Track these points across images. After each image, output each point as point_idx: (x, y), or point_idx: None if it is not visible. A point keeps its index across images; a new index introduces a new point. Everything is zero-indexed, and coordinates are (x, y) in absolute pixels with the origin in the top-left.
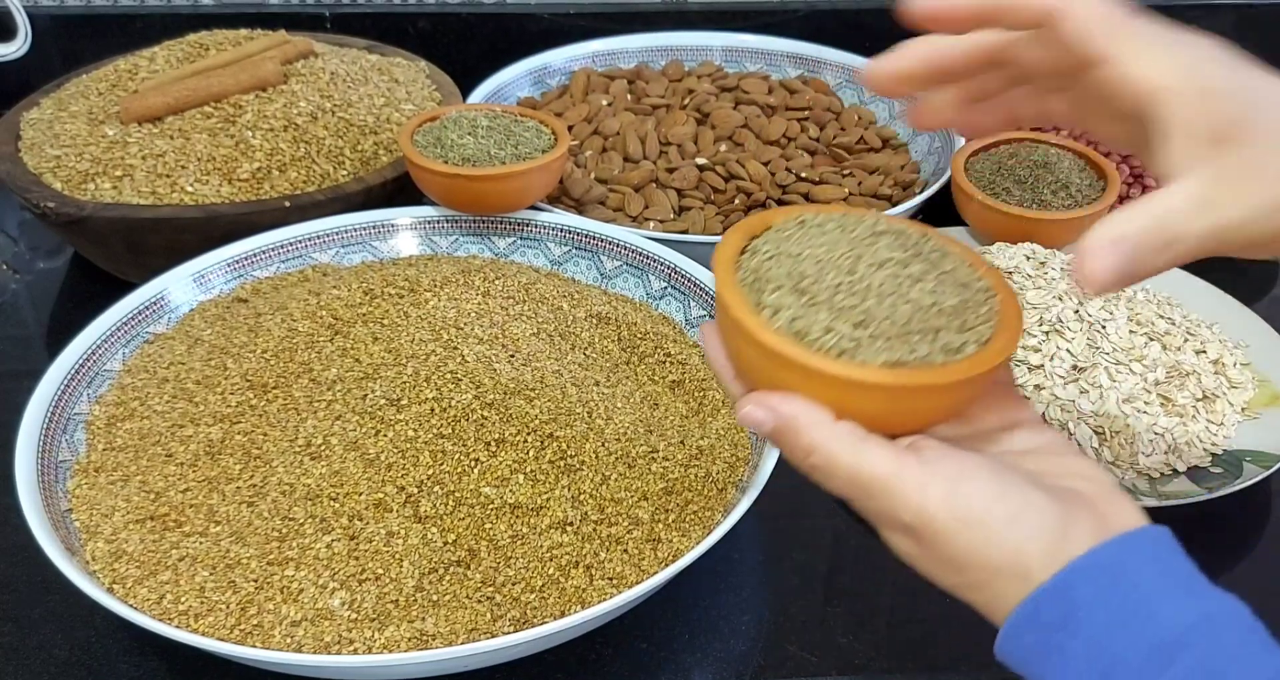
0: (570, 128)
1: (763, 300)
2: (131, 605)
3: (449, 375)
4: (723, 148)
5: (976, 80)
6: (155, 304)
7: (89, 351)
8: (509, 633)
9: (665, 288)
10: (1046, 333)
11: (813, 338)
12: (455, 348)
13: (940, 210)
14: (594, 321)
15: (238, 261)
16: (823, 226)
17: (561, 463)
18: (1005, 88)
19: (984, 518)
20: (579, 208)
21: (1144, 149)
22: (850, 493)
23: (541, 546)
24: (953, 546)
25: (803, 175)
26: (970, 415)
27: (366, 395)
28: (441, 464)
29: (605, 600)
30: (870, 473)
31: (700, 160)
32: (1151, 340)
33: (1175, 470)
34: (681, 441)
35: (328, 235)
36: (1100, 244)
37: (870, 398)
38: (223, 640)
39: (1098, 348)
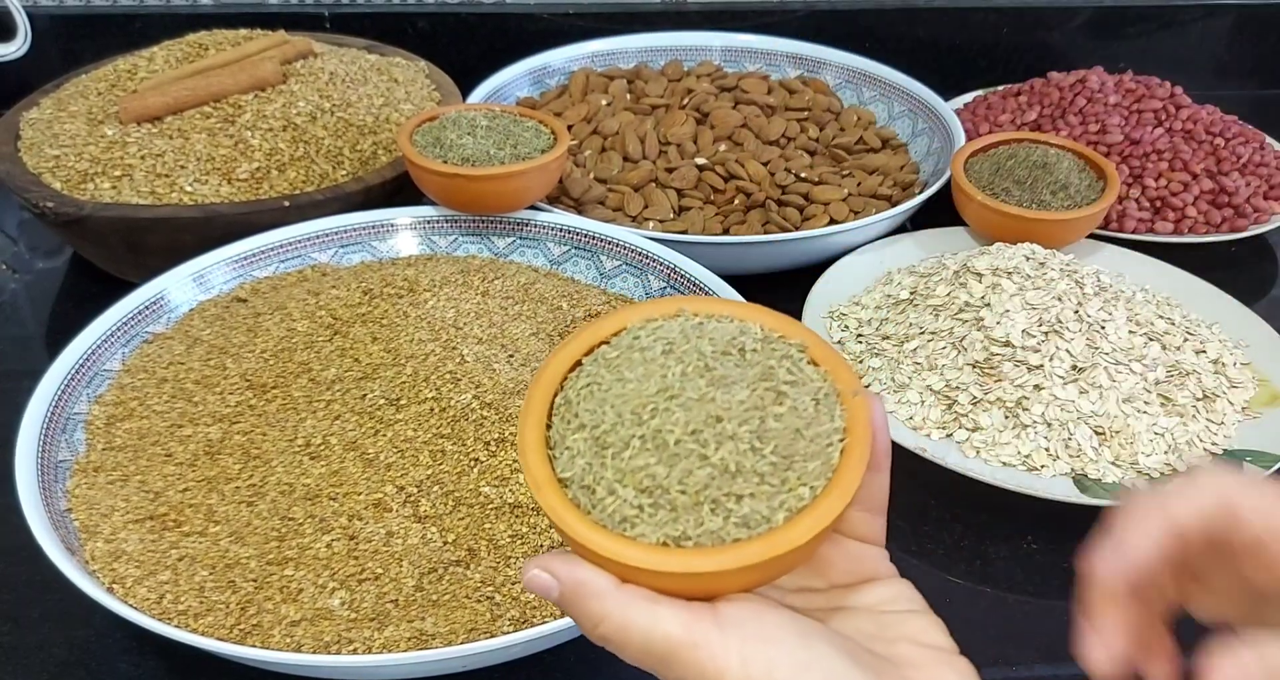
0: (570, 127)
1: (563, 441)
2: (131, 605)
3: (448, 375)
4: (722, 147)
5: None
6: (155, 304)
7: (89, 351)
8: (508, 632)
9: (665, 288)
10: (1046, 333)
11: (598, 497)
12: (454, 348)
13: (940, 210)
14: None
15: (237, 261)
16: (648, 350)
17: None
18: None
19: None
20: (578, 207)
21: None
22: (646, 662)
23: (541, 546)
24: None
25: (802, 175)
26: (814, 565)
27: (366, 395)
28: (441, 464)
29: None
30: (663, 637)
31: (700, 160)
32: (1151, 340)
33: (1175, 470)
34: None
35: (327, 235)
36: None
37: (641, 578)
38: (222, 640)
39: (1098, 348)
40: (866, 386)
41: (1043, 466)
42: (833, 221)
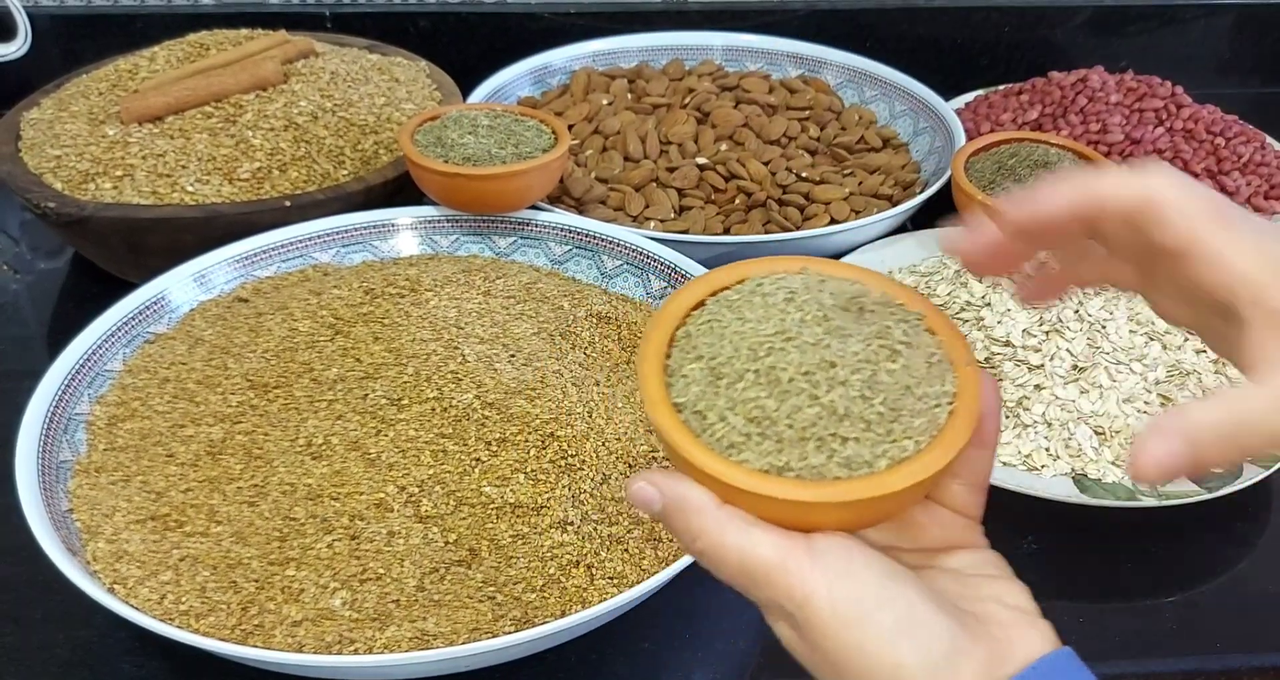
0: (571, 127)
1: (680, 369)
2: (133, 605)
3: (450, 375)
4: (723, 147)
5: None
6: (156, 304)
7: (89, 351)
8: (510, 632)
9: (666, 287)
10: (1047, 333)
11: (708, 422)
12: (456, 347)
13: (941, 210)
14: (595, 321)
15: (238, 261)
16: (770, 297)
17: (562, 462)
18: (1079, 257)
19: (865, 622)
20: (579, 207)
21: (1211, 335)
22: (738, 580)
23: (542, 546)
24: (831, 646)
25: (803, 175)
26: (906, 525)
27: (367, 395)
28: (443, 463)
29: (606, 600)
30: (756, 559)
31: (701, 160)
32: (1151, 340)
33: None
34: None
35: (328, 235)
36: (1167, 431)
37: (741, 500)
38: (224, 640)
39: (1098, 347)
40: None
41: (1043, 466)
42: (834, 221)
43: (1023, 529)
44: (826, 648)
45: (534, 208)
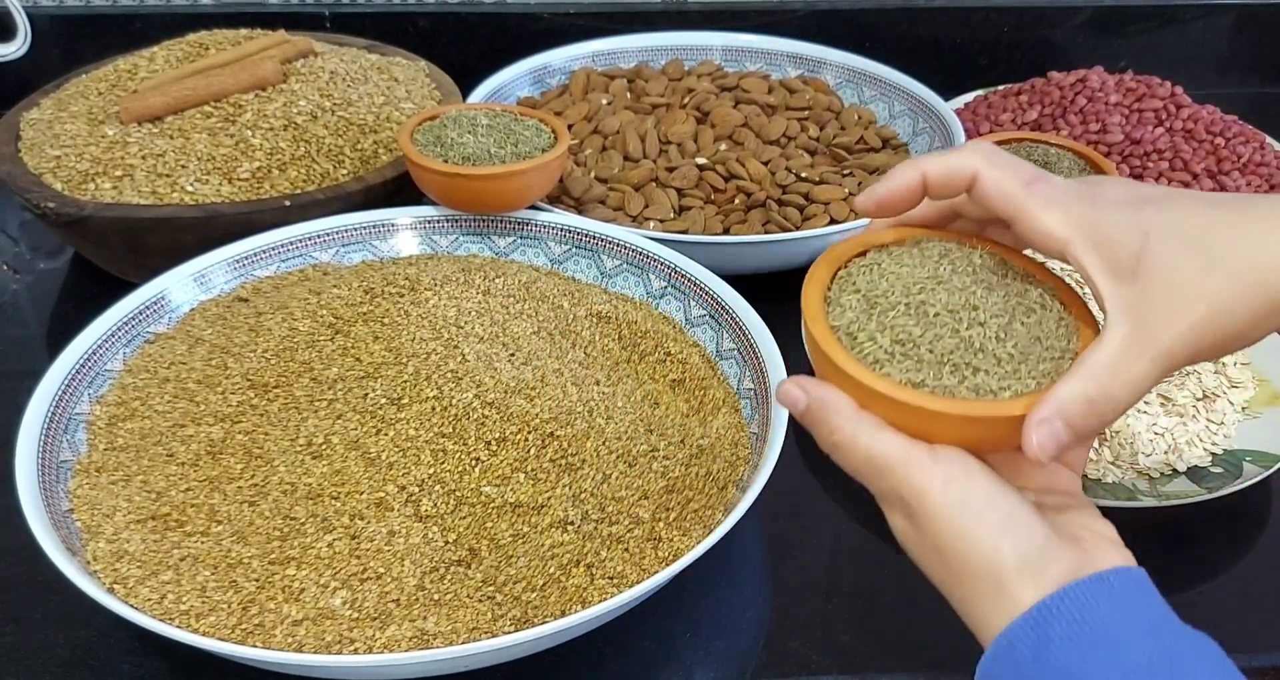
0: (570, 127)
1: (838, 299)
2: (133, 605)
3: (449, 374)
4: (723, 147)
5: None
6: (156, 304)
7: (89, 351)
8: (510, 632)
9: (665, 287)
10: None
11: (858, 341)
12: (456, 346)
13: None
14: (594, 320)
15: (238, 261)
16: (927, 251)
17: (562, 461)
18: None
19: (973, 512)
20: (579, 207)
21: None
22: (863, 471)
23: (542, 545)
24: (940, 532)
25: (803, 175)
26: (1017, 468)
27: (367, 394)
28: (442, 463)
29: (606, 599)
30: (882, 453)
31: (700, 159)
32: None
33: (1175, 470)
34: (682, 440)
35: (328, 234)
36: (1045, 418)
37: (876, 405)
38: (224, 640)
39: None
40: None
41: None
42: (833, 221)
43: None
44: (936, 532)
45: (533, 207)
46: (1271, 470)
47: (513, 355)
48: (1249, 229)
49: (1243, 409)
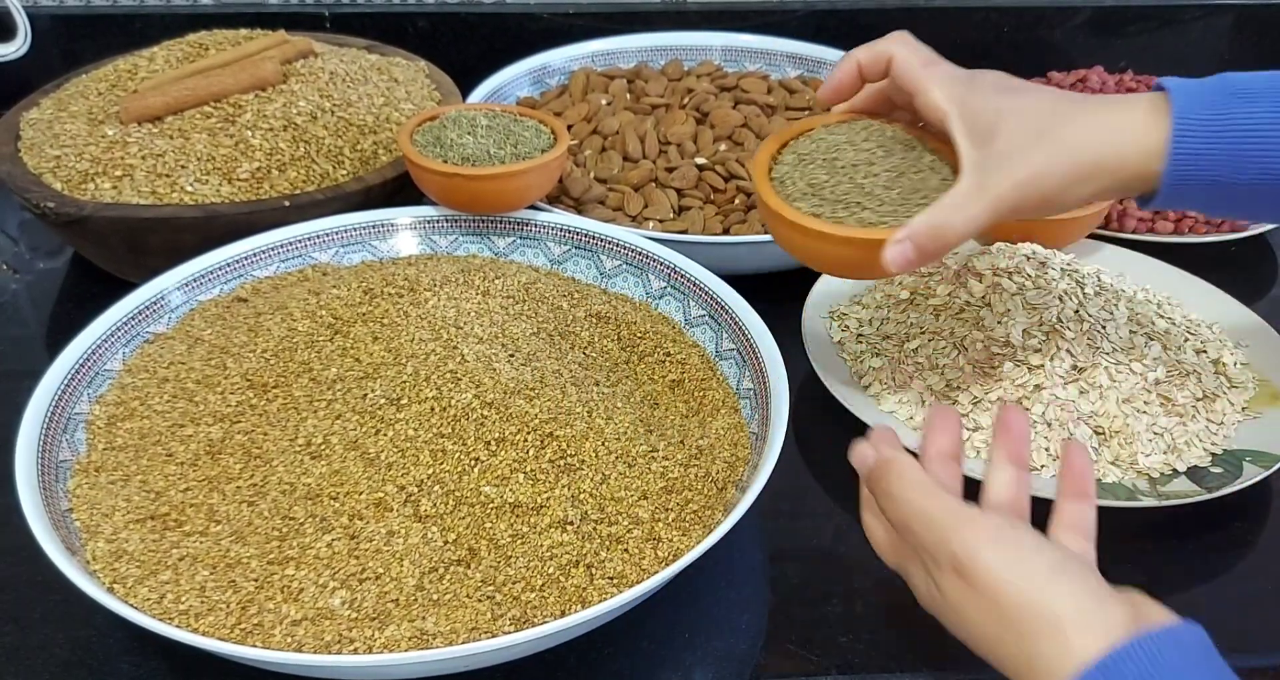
0: (570, 127)
1: (781, 158)
2: (132, 605)
3: (449, 374)
4: (722, 147)
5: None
6: (155, 304)
7: (89, 351)
8: (509, 632)
9: (665, 287)
10: (1046, 333)
11: (784, 186)
12: (455, 347)
13: None
14: (594, 321)
15: (238, 261)
16: (853, 127)
17: (561, 462)
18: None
19: (1026, 559)
20: (578, 207)
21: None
22: (912, 523)
23: (542, 545)
24: (995, 581)
25: None
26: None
27: (366, 394)
28: (441, 463)
29: (606, 599)
30: (935, 507)
31: (699, 160)
32: (1151, 340)
33: (1175, 470)
34: (681, 441)
35: (327, 235)
36: (899, 239)
37: (785, 228)
38: (223, 640)
39: (1098, 348)
40: (871, 373)
41: (1042, 466)
42: None
43: None
44: (992, 583)
45: (533, 208)
46: (1271, 470)
47: (512, 356)
48: (1076, 116)
49: (1243, 409)
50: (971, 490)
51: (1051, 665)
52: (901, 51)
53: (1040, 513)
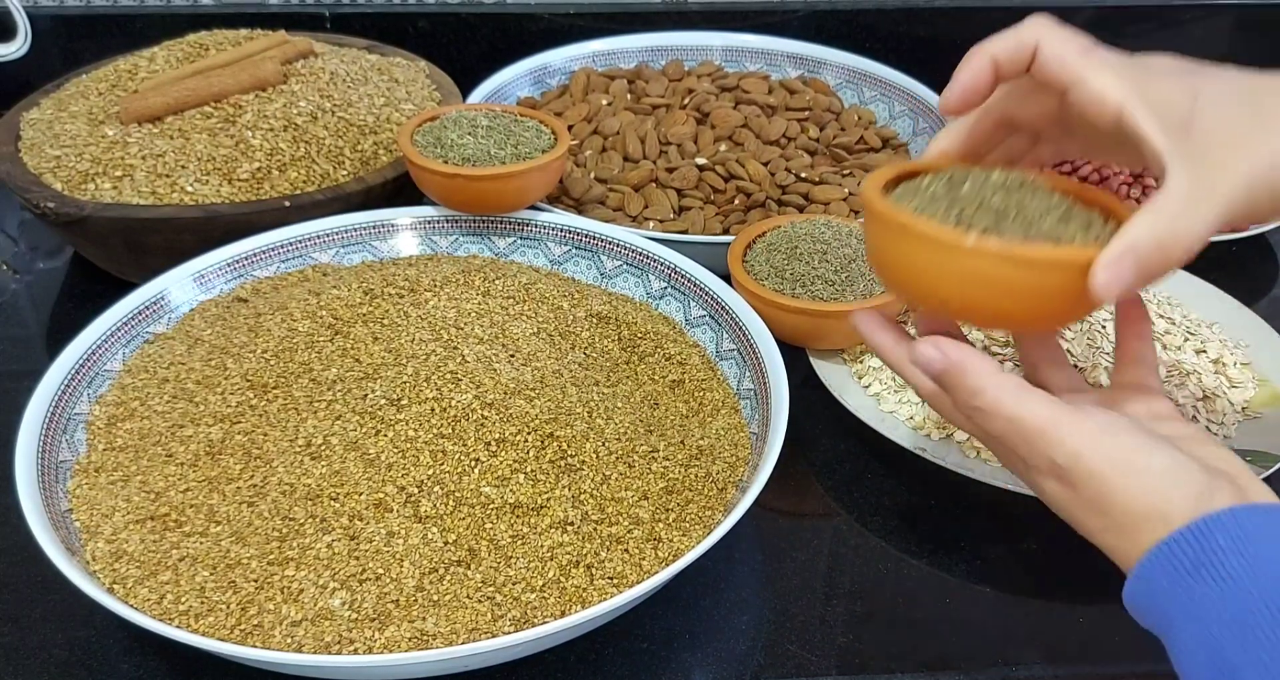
0: (570, 127)
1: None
2: (132, 605)
3: (449, 375)
4: (722, 147)
5: (1003, 148)
6: (155, 304)
7: (89, 351)
8: (509, 632)
9: (665, 288)
10: None
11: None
12: (455, 347)
13: None
14: (594, 321)
15: (238, 261)
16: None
17: (562, 462)
18: (1029, 147)
19: (1134, 463)
20: (579, 207)
21: (1138, 159)
22: (1007, 435)
23: (542, 546)
24: (1101, 488)
25: (802, 175)
26: (1128, 358)
27: (367, 395)
28: (442, 464)
29: (606, 600)
30: (1030, 415)
31: (700, 160)
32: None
33: None
34: (682, 441)
35: (328, 235)
36: (1117, 258)
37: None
38: (223, 640)
39: (1098, 348)
40: (868, 384)
41: None
42: None
43: (1023, 529)
44: (1096, 491)
45: (533, 208)
46: (1271, 470)
47: (512, 356)
48: None
49: (1243, 409)
50: (969, 489)
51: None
52: (1050, 38)
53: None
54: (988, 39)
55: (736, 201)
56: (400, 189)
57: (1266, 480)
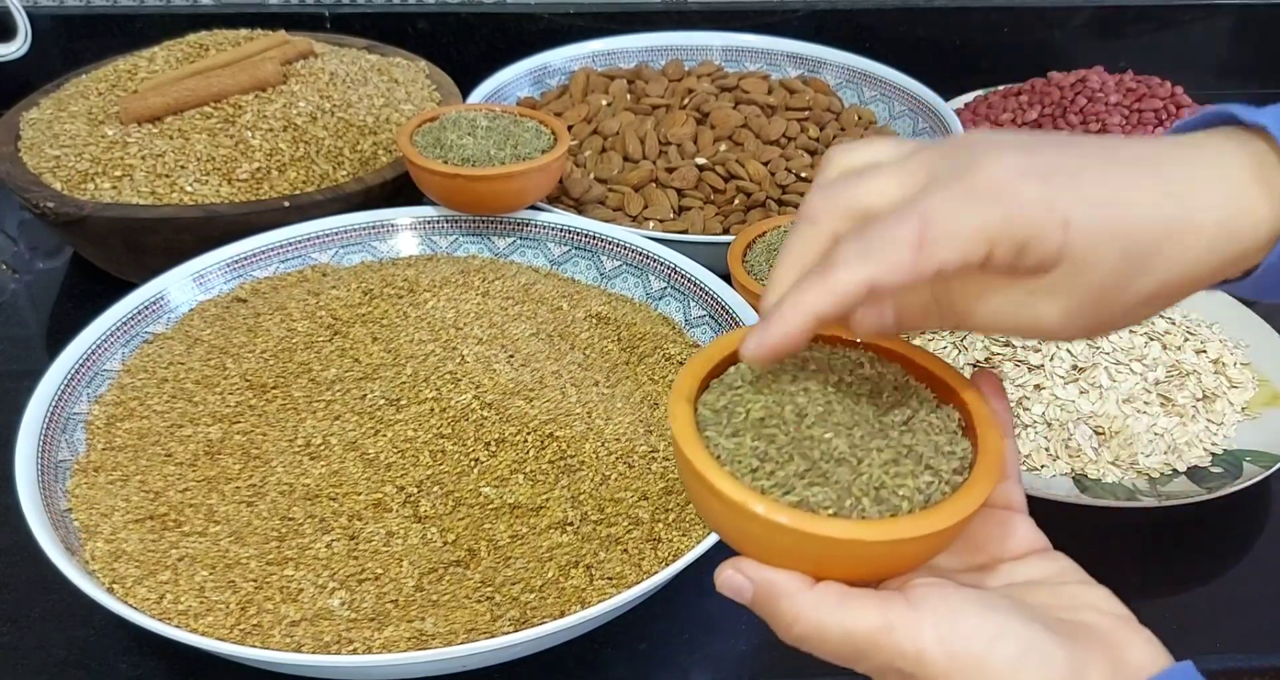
0: (570, 128)
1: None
2: (131, 605)
3: (448, 375)
4: (722, 147)
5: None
6: (155, 304)
7: (89, 351)
8: (508, 633)
9: (665, 288)
10: None
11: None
12: (454, 348)
13: None
14: (594, 322)
15: (237, 261)
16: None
17: (561, 463)
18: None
19: (984, 660)
20: (578, 207)
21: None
22: (845, 655)
23: (541, 546)
24: None
25: (802, 175)
26: (973, 545)
27: (366, 395)
28: (441, 464)
29: (605, 600)
30: (860, 629)
31: (700, 160)
32: (1151, 340)
33: (1175, 470)
34: None
35: (327, 235)
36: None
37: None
38: (222, 640)
39: (1098, 347)
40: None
41: (1043, 466)
42: None
43: None
44: None
45: (533, 208)
46: (1271, 470)
47: (511, 357)
48: (1121, 176)
49: (1242, 409)
50: None
51: None
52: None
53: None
54: (810, 289)
55: (736, 201)
56: (400, 189)
57: (1266, 480)
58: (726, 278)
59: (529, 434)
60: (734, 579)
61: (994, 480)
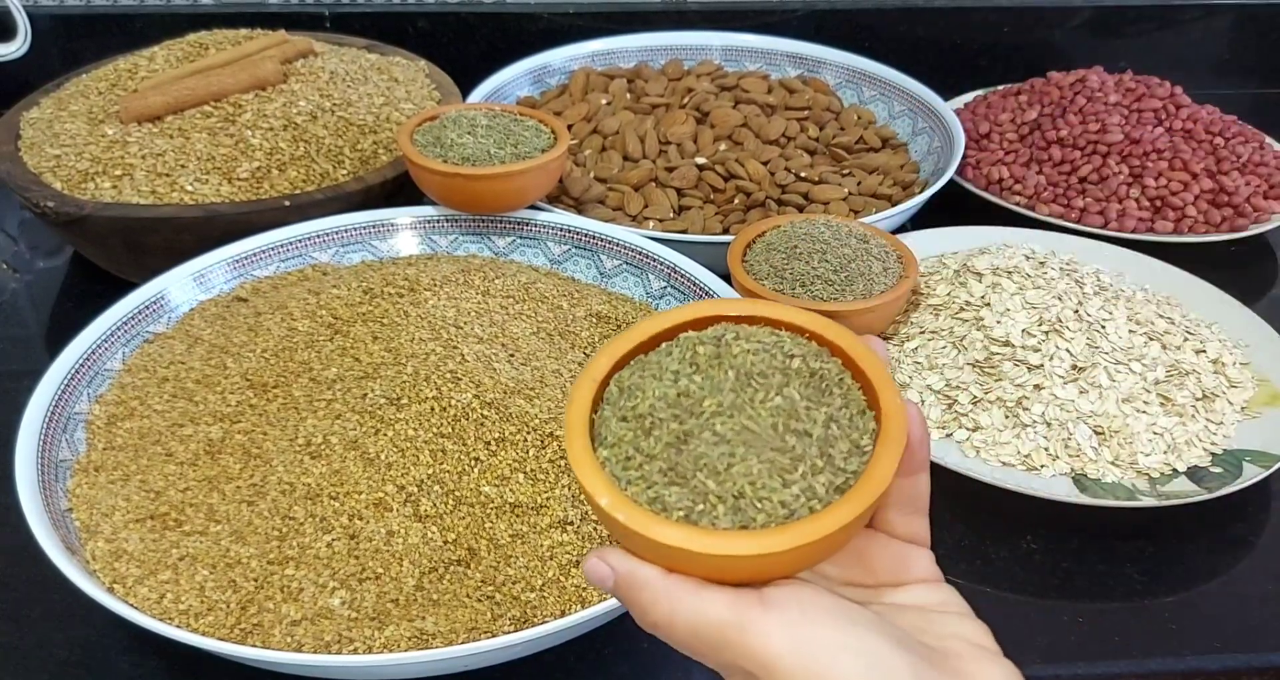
0: (570, 127)
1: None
2: (131, 604)
3: (448, 374)
4: (722, 147)
5: None
6: (155, 303)
7: (89, 351)
8: (509, 632)
9: (665, 287)
10: (1046, 333)
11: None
12: (455, 347)
13: (940, 210)
14: (594, 320)
15: (237, 261)
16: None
17: (562, 461)
18: None
19: (830, 671)
20: (578, 207)
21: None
22: (696, 648)
23: (542, 545)
24: None
25: (802, 175)
26: (865, 569)
27: (366, 394)
28: (441, 463)
29: (606, 599)
30: (710, 622)
31: (700, 159)
32: (1151, 340)
33: (1175, 470)
34: None
35: (327, 235)
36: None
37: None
38: (222, 639)
39: (1097, 347)
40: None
41: (1042, 466)
42: None
43: (1022, 529)
44: None
45: (533, 207)
46: (1271, 470)
47: (512, 356)
48: None
49: (1242, 409)
50: (969, 488)
51: None
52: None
53: (1039, 511)
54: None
55: (736, 201)
56: (400, 188)
57: (1266, 480)
58: (726, 277)
59: (529, 433)
60: (598, 567)
61: (863, 507)
